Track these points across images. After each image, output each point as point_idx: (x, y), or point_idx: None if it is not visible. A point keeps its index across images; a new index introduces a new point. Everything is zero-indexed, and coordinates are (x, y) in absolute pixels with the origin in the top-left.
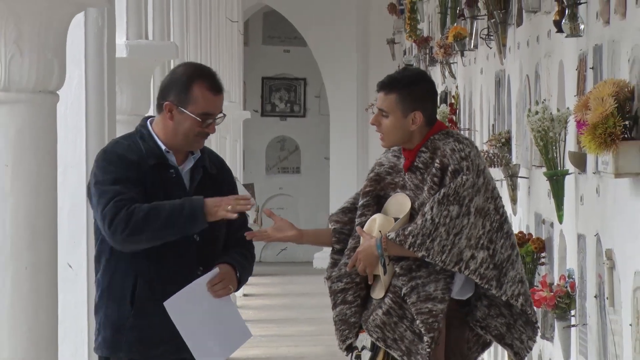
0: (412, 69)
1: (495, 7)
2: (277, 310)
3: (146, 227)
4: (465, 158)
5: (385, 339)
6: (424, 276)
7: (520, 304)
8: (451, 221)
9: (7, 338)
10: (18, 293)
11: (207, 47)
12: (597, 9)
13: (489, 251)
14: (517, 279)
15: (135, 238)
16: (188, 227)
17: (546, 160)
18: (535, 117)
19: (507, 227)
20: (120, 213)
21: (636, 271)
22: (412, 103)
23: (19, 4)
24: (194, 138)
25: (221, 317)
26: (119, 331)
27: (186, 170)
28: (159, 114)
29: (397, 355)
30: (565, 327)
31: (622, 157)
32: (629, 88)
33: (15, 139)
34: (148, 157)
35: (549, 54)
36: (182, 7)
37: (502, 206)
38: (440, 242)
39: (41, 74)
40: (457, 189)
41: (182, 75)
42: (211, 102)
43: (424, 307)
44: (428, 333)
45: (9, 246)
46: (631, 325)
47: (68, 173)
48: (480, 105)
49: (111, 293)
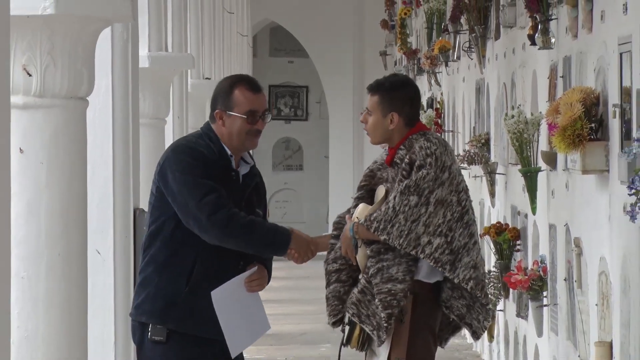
0: (398, 75)
1: (475, 22)
2: (282, 291)
3: (242, 236)
4: (430, 155)
5: (359, 315)
6: (390, 259)
7: (470, 287)
8: (409, 209)
9: (43, 315)
10: (52, 277)
11: (220, 58)
12: (566, 24)
13: (447, 238)
14: (470, 265)
15: (227, 238)
16: (269, 252)
17: (521, 158)
18: (512, 120)
19: (467, 218)
20: (223, 210)
21: (601, 257)
22: (390, 105)
23: (53, 20)
24: (247, 137)
25: (250, 310)
26: (172, 304)
27: (242, 174)
28: (213, 124)
29: (369, 330)
30: (538, 307)
31: (588, 156)
32: (595, 94)
33: (49, 140)
34: (220, 157)
35: (524, 65)
36: (198, 23)
37: (465, 199)
38: (399, 228)
39: (72, 82)
40: (418, 181)
41: (224, 84)
42: (253, 100)
43: (384, 287)
44: (384, 310)
45: (44, 235)
46: (597, 305)
47: (96, 170)
48: (463, 110)
49: (168, 269)
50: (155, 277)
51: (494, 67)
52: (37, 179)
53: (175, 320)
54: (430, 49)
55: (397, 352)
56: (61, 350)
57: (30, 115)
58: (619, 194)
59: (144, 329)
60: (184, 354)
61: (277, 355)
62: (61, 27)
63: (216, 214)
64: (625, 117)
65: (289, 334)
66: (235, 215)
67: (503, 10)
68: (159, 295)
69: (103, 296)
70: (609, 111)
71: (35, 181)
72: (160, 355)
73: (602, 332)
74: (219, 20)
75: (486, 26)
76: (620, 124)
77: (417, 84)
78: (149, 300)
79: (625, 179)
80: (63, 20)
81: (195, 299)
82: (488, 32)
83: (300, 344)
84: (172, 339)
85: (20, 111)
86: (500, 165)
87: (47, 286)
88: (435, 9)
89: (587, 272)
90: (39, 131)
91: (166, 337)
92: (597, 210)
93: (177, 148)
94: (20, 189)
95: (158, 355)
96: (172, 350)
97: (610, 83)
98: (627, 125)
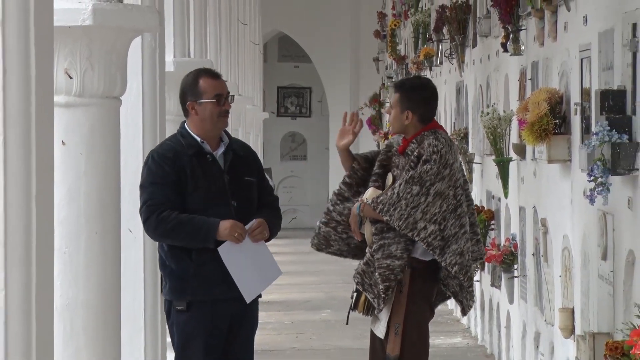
0: (420, 79)
1: (455, 32)
2: (289, 264)
3: (170, 236)
4: (436, 152)
5: (363, 284)
6: (391, 237)
7: (455, 271)
8: (411, 197)
9: (83, 287)
10: (90, 252)
11: (236, 63)
12: (534, 33)
13: (440, 226)
14: (457, 252)
15: (160, 238)
16: (201, 243)
17: (495, 150)
18: (487, 117)
19: (460, 211)
20: (151, 218)
21: (564, 235)
22: (407, 103)
23: (91, 31)
24: (218, 119)
25: (259, 259)
26: (184, 280)
27: (219, 154)
28: (187, 117)
29: (370, 298)
30: (509, 278)
31: (553, 148)
32: (559, 94)
33: (88, 134)
34: (188, 148)
35: (497, 69)
36: (217, 32)
37: (460, 194)
38: (400, 212)
39: (107, 83)
40: (422, 174)
41: (189, 79)
42: (216, 86)
43: (384, 262)
44: (383, 282)
45: (83, 216)
46: (560, 277)
47: (128, 160)
48: (445, 108)
49: (172, 251)
50: (166, 260)
51: (471, 71)
52: (77, 168)
53: (191, 293)
54: (416, 56)
55: (396, 318)
56: (98, 317)
57: (71, 113)
58: (580, 180)
59: (170, 301)
60: (204, 318)
61: (285, 320)
62: (98, 36)
63: (148, 219)
64: (585, 114)
65: (294, 301)
66: (164, 219)
67: (479, 22)
68: (174, 276)
69: (134, 269)
70: (571, 109)
71: (75, 170)
72: (184, 321)
73: (565, 300)
74: (234, 31)
75: (465, 35)
76: (581, 120)
77: (435, 87)
78: (167, 281)
79: (585, 168)
80: (99, 30)
81: (203, 270)
82: (466, 41)
83: (305, 310)
84: (193, 306)
85: (62, 109)
86: (477, 155)
87: (85, 260)
88: (420, 21)
89: (552, 248)
90: (79, 126)
91: (187, 306)
92: (560, 195)
93: (148, 156)
94: (62, 176)
95: (182, 321)
96: (194, 316)
97: (572, 85)
98: (587, 121)
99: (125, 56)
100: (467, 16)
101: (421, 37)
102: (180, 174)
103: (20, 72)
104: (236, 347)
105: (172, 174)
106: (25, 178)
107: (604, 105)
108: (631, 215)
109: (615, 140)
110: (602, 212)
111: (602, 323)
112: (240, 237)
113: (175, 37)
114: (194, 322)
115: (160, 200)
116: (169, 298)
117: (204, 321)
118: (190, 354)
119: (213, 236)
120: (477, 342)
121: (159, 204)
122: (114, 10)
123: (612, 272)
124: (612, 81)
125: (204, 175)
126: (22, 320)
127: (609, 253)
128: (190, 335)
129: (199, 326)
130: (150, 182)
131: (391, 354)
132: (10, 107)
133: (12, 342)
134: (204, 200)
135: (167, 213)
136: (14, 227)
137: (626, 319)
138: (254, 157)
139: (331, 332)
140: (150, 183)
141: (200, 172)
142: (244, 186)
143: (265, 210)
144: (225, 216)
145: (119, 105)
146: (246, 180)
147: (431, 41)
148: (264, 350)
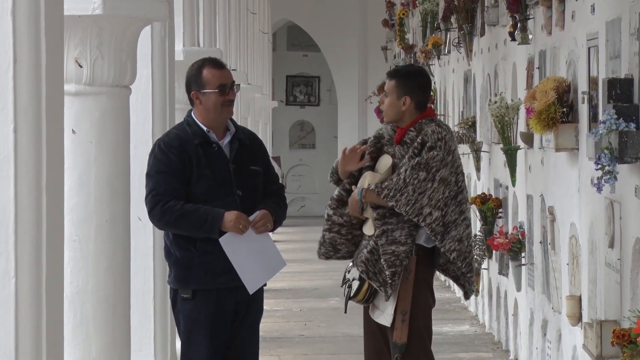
0: (414, 65)
1: (464, 21)
2: (298, 252)
3: (175, 226)
4: (440, 139)
5: (367, 272)
6: (394, 223)
7: (453, 258)
8: (418, 183)
9: (92, 273)
10: (100, 240)
11: (245, 52)
12: (542, 22)
13: (442, 212)
14: (456, 238)
15: (166, 229)
16: (205, 234)
17: (503, 138)
18: (495, 105)
19: (460, 198)
20: (156, 208)
21: (571, 223)
22: (404, 89)
23: (101, 20)
24: (222, 108)
25: (262, 250)
26: (189, 269)
27: (225, 143)
28: (193, 106)
29: (376, 286)
30: (517, 266)
31: (560, 136)
32: (566, 83)
33: (98, 122)
34: (194, 137)
35: (505, 57)
36: (226, 22)
37: (461, 181)
38: (407, 197)
39: (117, 72)
40: (428, 160)
41: (193, 69)
42: (220, 75)
43: (389, 248)
44: (389, 268)
45: (93, 203)
46: (568, 264)
47: (138, 148)
48: (453, 97)
49: (177, 241)
50: (171, 249)
51: (479, 60)
52: (87, 156)
53: (195, 282)
54: (424, 44)
55: (402, 305)
56: (107, 303)
57: (81, 101)
58: (587, 168)
59: (176, 290)
60: (209, 305)
61: (293, 307)
62: (108, 25)
63: (153, 209)
64: (592, 103)
65: (303, 288)
66: (169, 209)
67: (487, 11)
68: (178, 265)
69: (143, 256)
70: (578, 97)
71: (85, 157)
72: (189, 309)
73: (572, 287)
74: (244, 20)
75: (473, 24)
76: (588, 109)
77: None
78: (172, 270)
79: (593, 156)
80: (109, 19)
81: (207, 259)
82: (474, 30)
83: (313, 297)
84: (198, 295)
85: (72, 97)
86: (484, 144)
87: (95, 248)
88: (429, 10)
89: (559, 236)
90: (89, 115)
91: (192, 294)
92: (568, 183)
93: (154, 145)
94: (72, 164)
95: (187, 309)
96: (199, 304)
97: (580, 73)
98: (594, 109)
99: (135, 45)
100: (475, 5)
101: (429, 26)
102: (186, 163)
103: (30, 61)
104: (242, 334)
105: (178, 163)
106: (36, 166)
107: (611, 93)
108: (638, 203)
109: (623, 128)
110: (610, 200)
111: (609, 311)
112: (244, 229)
113: (185, 26)
114: (199, 310)
115: (166, 189)
116: (174, 287)
117: (209, 309)
118: (196, 341)
119: (218, 227)
120: (485, 330)
121: (164, 194)
122: (124, 0)
123: (619, 260)
124: (619, 70)
125: (210, 164)
126: (32, 307)
127: (616, 241)
128: (195, 323)
129: (204, 314)
130: (156, 171)
131: (398, 341)
132: (21, 96)
133: (23, 329)
134: (209, 189)
135: (173, 203)
136: (25, 215)
137: (633, 307)
138: (259, 146)
139: (339, 320)
140: (156, 172)
141: (205, 161)
142: (249, 175)
143: (270, 199)
144: (231, 205)
145: (128, 93)
146: (251, 170)
147: (439, 30)
148: (272, 337)
